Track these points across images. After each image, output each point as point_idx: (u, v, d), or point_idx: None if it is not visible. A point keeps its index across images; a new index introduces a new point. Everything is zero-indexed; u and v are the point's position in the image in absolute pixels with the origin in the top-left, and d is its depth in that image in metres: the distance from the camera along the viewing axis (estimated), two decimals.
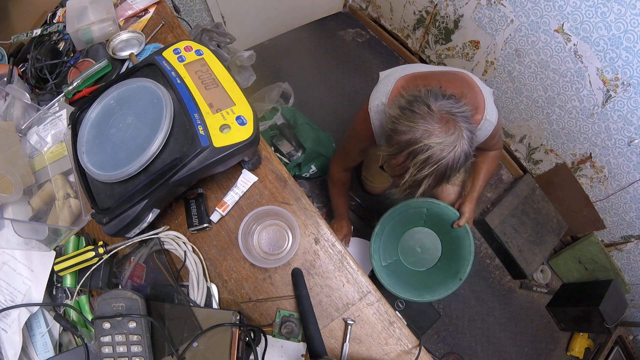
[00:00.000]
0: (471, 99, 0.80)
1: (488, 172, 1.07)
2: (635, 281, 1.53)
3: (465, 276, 1.07)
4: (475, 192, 1.08)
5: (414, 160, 0.65)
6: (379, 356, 0.67)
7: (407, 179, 0.68)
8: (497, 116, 0.85)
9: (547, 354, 1.61)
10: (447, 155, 0.64)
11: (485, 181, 1.08)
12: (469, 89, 0.82)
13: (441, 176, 0.67)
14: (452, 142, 0.64)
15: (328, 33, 2.21)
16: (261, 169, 0.80)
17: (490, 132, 0.85)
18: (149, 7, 1.04)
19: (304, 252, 0.74)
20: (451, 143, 0.64)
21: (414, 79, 0.85)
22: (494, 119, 0.84)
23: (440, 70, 0.89)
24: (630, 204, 1.38)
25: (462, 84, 0.83)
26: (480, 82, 0.86)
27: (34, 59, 0.92)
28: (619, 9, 1.05)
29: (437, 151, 0.63)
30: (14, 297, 0.69)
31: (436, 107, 0.65)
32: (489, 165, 1.07)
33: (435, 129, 0.63)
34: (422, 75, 0.86)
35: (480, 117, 0.82)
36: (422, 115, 0.64)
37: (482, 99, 0.82)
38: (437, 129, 0.63)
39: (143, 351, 0.58)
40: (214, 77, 0.71)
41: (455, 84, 0.81)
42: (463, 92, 0.76)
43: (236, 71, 1.55)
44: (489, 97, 0.84)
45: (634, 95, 1.15)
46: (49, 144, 0.83)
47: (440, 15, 1.71)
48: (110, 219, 0.62)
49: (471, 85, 0.83)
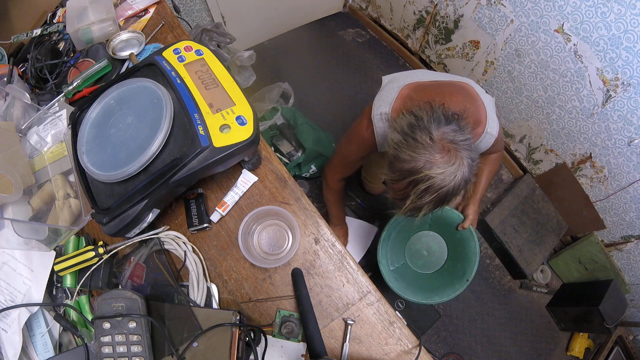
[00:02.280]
0: (473, 113, 0.81)
1: (490, 173, 1.08)
2: (635, 281, 1.53)
3: (471, 277, 1.09)
4: (478, 194, 1.09)
5: (415, 188, 0.66)
6: (379, 356, 0.67)
7: (408, 205, 0.69)
8: (499, 128, 0.85)
9: (547, 354, 1.61)
10: (448, 184, 0.65)
11: (487, 183, 1.09)
12: (471, 102, 0.82)
13: (441, 202, 0.68)
14: (453, 172, 0.64)
15: (328, 33, 2.21)
16: (261, 169, 0.80)
17: (492, 143, 0.86)
18: (149, 7, 1.04)
19: (304, 252, 0.74)
20: (452, 172, 0.64)
21: (418, 89, 0.84)
22: (495, 132, 0.84)
23: (444, 81, 0.88)
24: (630, 204, 1.38)
25: (465, 97, 0.82)
26: (483, 93, 0.86)
27: (34, 59, 0.92)
28: (619, 9, 1.05)
29: (438, 181, 0.64)
30: (14, 297, 0.69)
31: (438, 136, 0.65)
32: (491, 166, 1.08)
33: (437, 159, 0.64)
34: (426, 85, 0.86)
35: (482, 130, 0.82)
36: (424, 146, 0.65)
37: (484, 112, 0.82)
38: (439, 159, 0.64)
39: (143, 351, 0.58)
40: (214, 77, 0.70)
41: (458, 97, 0.80)
42: (466, 106, 0.76)
43: (236, 71, 1.55)
44: (491, 108, 0.84)
45: (634, 95, 1.15)
46: (49, 144, 0.83)
47: (440, 15, 1.71)
48: (110, 219, 0.62)
49: (474, 97, 0.83)
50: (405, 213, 0.72)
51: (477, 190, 1.09)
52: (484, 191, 1.10)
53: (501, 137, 0.93)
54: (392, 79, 0.91)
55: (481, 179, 1.08)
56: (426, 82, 0.87)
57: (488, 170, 1.08)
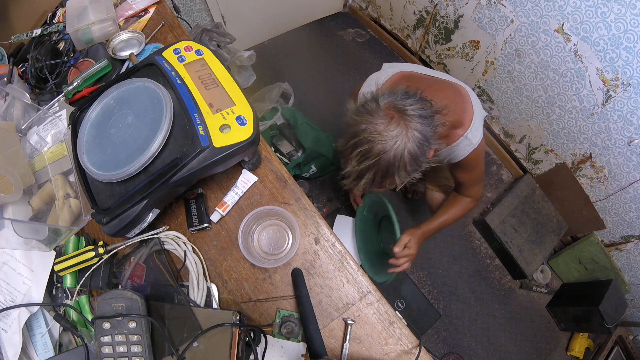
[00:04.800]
0: (457, 113, 0.79)
1: (451, 216, 1.01)
2: (635, 281, 1.53)
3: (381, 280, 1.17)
4: (427, 227, 1.00)
5: (355, 152, 0.66)
6: (379, 356, 0.67)
7: (351, 170, 0.69)
8: (481, 140, 0.83)
9: (547, 354, 1.61)
10: (388, 151, 0.63)
11: (446, 221, 1.01)
12: (460, 102, 0.80)
13: (384, 172, 0.66)
14: (392, 137, 0.63)
15: (328, 33, 2.21)
16: (261, 169, 0.80)
17: (468, 153, 0.83)
18: (149, 7, 1.04)
19: (304, 252, 0.74)
20: (391, 138, 0.63)
21: (409, 78, 0.84)
22: (475, 141, 0.82)
23: (440, 78, 0.87)
24: (630, 204, 1.38)
25: (454, 96, 0.81)
26: (477, 102, 0.84)
27: (34, 59, 0.92)
28: (619, 9, 1.05)
29: (376, 144, 0.63)
30: (14, 297, 0.69)
31: (384, 103, 0.65)
32: (456, 210, 1.00)
33: (378, 123, 0.64)
34: (419, 77, 0.85)
35: (462, 133, 0.80)
36: (368, 111, 0.66)
37: (469, 116, 0.80)
38: (380, 123, 0.64)
39: (143, 351, 0.58)
40: (214, 77, 0.70)
41: (445, 94, 0.80)
42: (448, 104, 0.74)
43: (236, 71, 1.55)
44: (479, 118, 0.83)
45: (634, 95, 1.15)
46: (49, 144, 0.83)
47: (440, 15, 1.71)
48: (110, 219, 0.62)
49: (464, 100, 0.81)
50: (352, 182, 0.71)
51: (430, 221, 1.01)
52: (438, 227, 1.01)
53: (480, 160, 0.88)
54: (391, 65, 0.91)
55: (440, 216, 1.01)
56: (421, 74, 0.87)
57: (451, 212, 1.00)
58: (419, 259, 1.69)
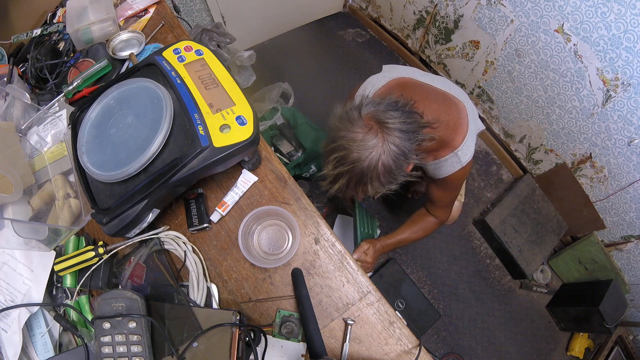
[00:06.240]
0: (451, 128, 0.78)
1: (412, 235, 1.01)
2: (635, 281, 1.53)
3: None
4: (385, 241, 1.00)
5: (332, 156, 0.67)
6: (379, 356, 0.67)
7: (327, 173, 0.70)
8: (469, 160, 0.82)
9: (547, 354, 1.61)
10: (363, 161, 0.64)
11: (403, 241, 1.01)
12: (455, 117, 0.79)
13: (357, 179, 0.67)
14: (368, 148, 0.63)
15: (328, 33, 2.21)
16: (261, 169, 0.80)
17: (454, 171, 0.82)
18: (149, 7, 1.04)
19: (304, 252, 0.74)
20: (367, 148, 0.63)
21: (406, 85, 0.83)
22: (464, 160, 0.81)
23: (438, 88, 0.85)
24: (630, 204, 1.38)
25: (449, 109, 0.80)
26: (473, 117, 0.83)
27: (34, 59, 0.92)
28: (619, 9, 1.05)
29: (352, 153, 0.64)
30: (14, 297, 0.69)
31: (366, 114, 0.66)
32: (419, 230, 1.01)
33: (357, 132, 0.64)
34: (417, 85, 0.84)
35: (452, 149, 0.80)
36: (349, 119, 0.66)
37: (463, 134, 0.80)
38: (359, 133, 0.64)
39: (143, 351, 0.58)
40: (214, 77, 0.70)
41: (440, 106, 0.79)
42: (441, 118, 0.74)
43: (236, 71, 1.55)
44: (472, 137, 0.82)
45: (634, 95, 1.15)
46: (49, 144, 0.83)
47: (440, 15, 1.71)
48: (110, 219, 0.62)
49: (460, 115, 0.80)
50: (328, 185, 0.72)
51: (390, 235, 1.01)
52: (398, 244, 1.01)
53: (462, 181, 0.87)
54: (391, 69, 0.91)
55: (404, 230, 1.01)
56: (419, 82, 0.85)
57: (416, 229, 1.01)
58: (419, 259, 1.69)
